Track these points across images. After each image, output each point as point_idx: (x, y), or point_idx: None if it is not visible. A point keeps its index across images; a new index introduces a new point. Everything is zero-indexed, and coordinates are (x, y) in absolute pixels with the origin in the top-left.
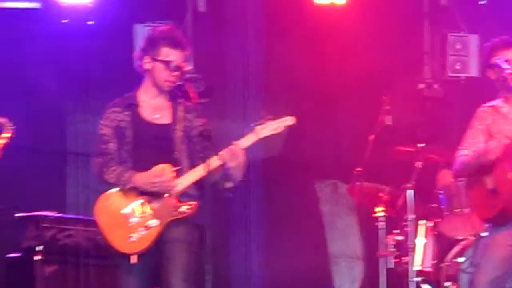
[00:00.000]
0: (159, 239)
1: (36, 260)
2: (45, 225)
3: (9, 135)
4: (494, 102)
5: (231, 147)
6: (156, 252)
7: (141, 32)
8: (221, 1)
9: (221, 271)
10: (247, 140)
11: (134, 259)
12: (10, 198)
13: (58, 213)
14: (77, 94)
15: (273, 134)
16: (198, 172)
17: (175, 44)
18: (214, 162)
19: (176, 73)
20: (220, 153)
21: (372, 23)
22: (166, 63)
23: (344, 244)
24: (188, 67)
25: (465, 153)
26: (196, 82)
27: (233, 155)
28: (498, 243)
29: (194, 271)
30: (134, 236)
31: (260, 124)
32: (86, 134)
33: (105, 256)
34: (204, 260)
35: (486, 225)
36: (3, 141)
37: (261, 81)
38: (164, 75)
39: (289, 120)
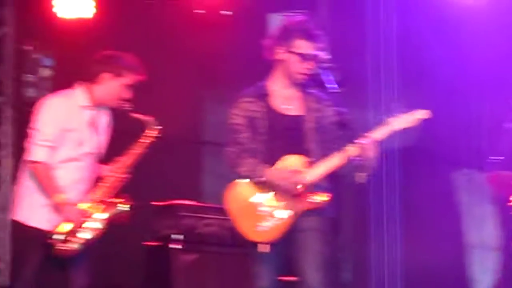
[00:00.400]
0: (292, 229)
1: (173, 249)
2: (182, 213)
3: (155, 133)
4: None
5: (365, 137)
6: (289, 242)
7: (276, 21)
8: None
9: (359, 262)
10: (381, 132)
11: (264, 248)
12: (149, 188)
13: (196, 202)
14: (214, 84)
15: (407, 127)
16: (332, 162)
17: (309, 36)
18: (350, 151)
19: (310, 65)
20: (355, 143)
21: (503, 12)
22: (300, 55)
23: (480, 234)
24: (323, 57)
25: None
26: (331, 71)
27: (367, 146)
28: None
29: (328, 260)
30: (263, 225)
31: (394, 116)
32: (222, 124)
33: (242, 245)
34: (339, 251)
35: None
36: (148, 140)
37: (396, 71)
38: (297, 67)
39: (423, 114)
